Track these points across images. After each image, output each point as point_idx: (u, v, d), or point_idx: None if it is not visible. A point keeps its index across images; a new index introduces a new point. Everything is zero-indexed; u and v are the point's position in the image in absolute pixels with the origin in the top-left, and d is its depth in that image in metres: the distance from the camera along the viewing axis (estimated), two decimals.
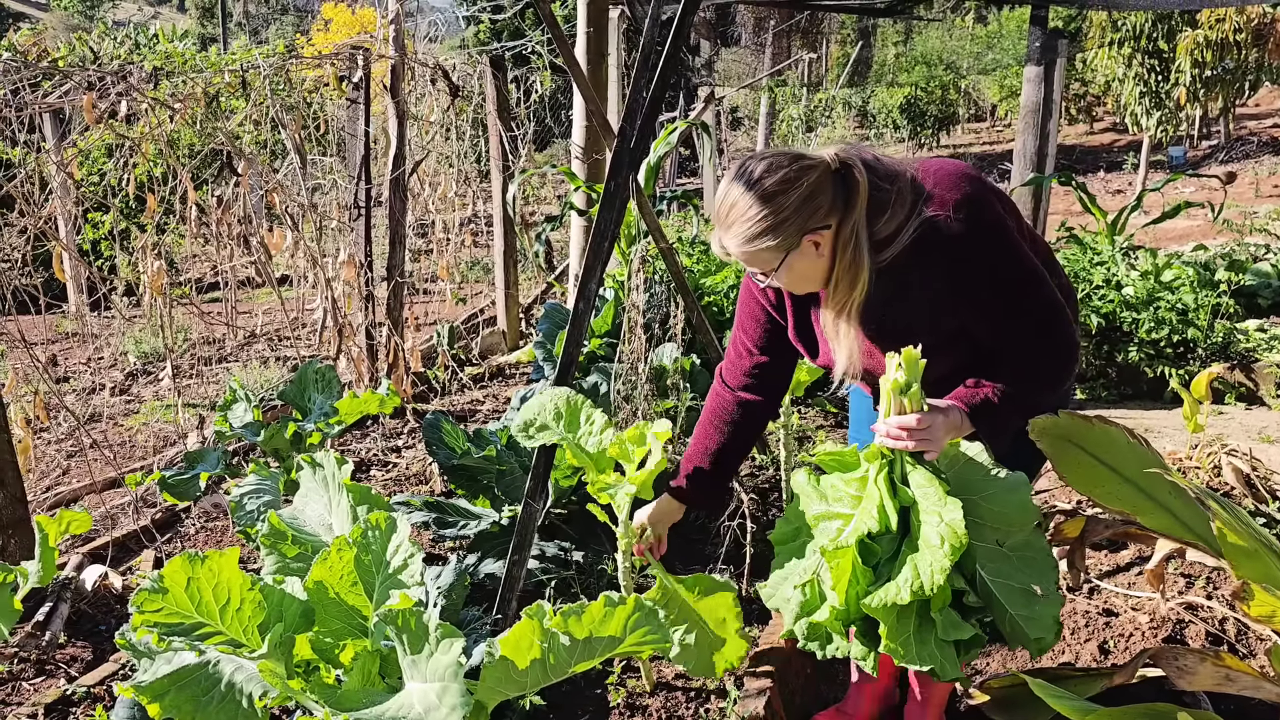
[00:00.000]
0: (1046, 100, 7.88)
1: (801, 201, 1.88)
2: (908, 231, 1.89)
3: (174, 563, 1.60)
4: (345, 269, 5.00)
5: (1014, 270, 1.95)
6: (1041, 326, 1.97)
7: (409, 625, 1.45)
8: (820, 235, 1.92)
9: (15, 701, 3.02)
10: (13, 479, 3.61)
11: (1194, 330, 5.17)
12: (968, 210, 1.91)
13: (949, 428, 1.91)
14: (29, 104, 3.59)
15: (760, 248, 1.92)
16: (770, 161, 1.92)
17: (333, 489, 1.91)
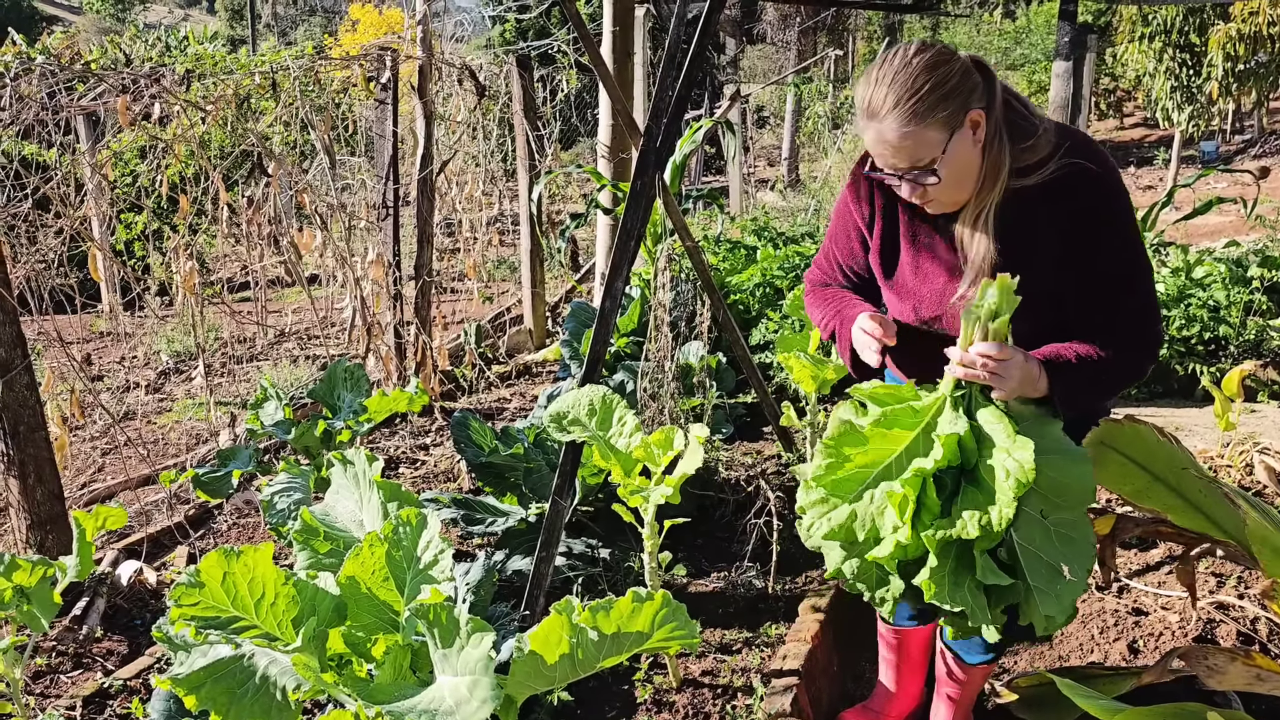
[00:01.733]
0: (1075, 96, 7.81)
1: (962, 75, 1.82)
2: (1050, 166, 1.86)
3: (210, 558, 1.63)
4: (373, 268, 5.04)
5: (1134, 251, 1.92)
6: (1140, 314, 1.94)
7: (440, 619, 1.47)
8: (979, 115, 1.85)
9: (54, 694, 3.08)
10: (50, 476, 3.67)
11: (1225, 327, 5.11)
12: (1114, 177, 1.89)
13: (1026, 374, 1.83)
14: (64, 107, 3.65)
15: (929, 123, 1.80)
16: (914, 43, 1.86)
17: (363, 486, 1.93)
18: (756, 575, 3.43)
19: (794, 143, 18.53)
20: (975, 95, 1.83)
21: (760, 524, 3.54)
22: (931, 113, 1.79)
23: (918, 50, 1.84)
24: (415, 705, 1.49)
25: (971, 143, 1.85)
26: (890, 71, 1.82)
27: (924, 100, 1.78)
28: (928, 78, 1.79)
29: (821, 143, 16.57)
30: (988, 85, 1.88)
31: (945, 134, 1.81)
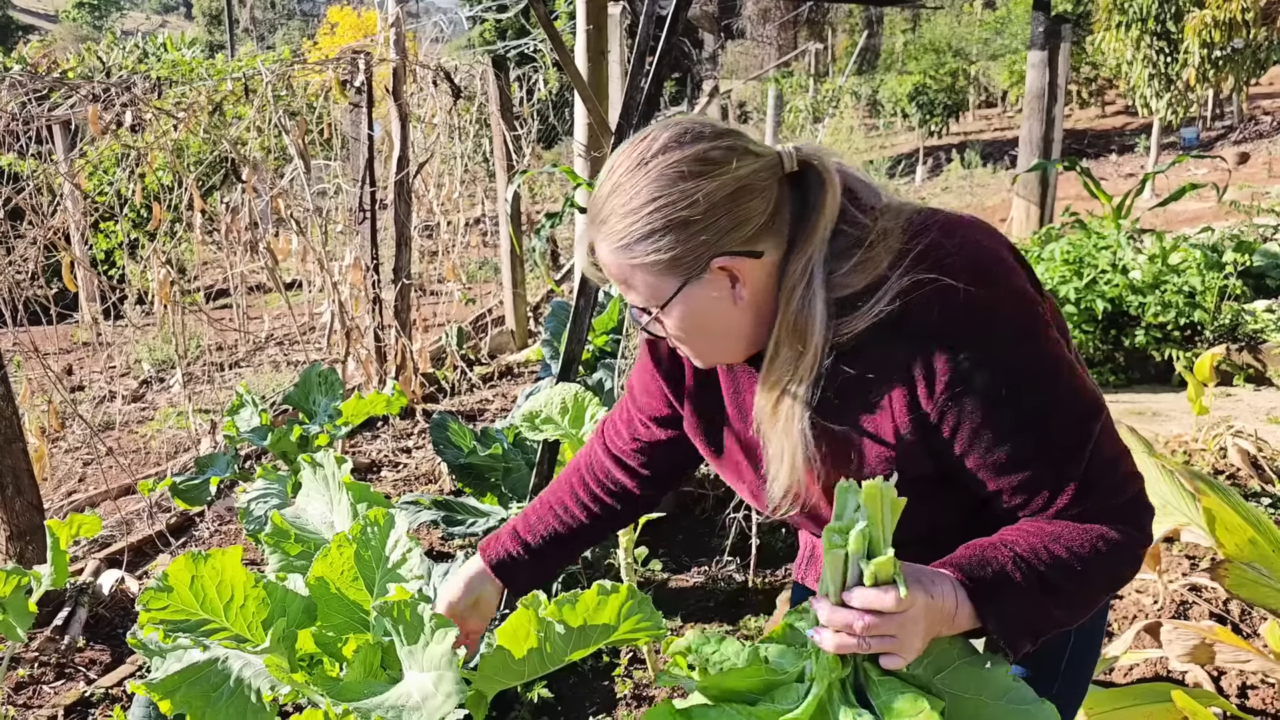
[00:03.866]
0: (1051, 85, 7.88)
1: (723, 201, 1.17)
2: (885, 295, 1.16)
3: (178, 561, 1.64)
4: (351, 272, 5.05)
5: (1056, 387, 1.17)
6: (1093, 484, 1.19)
7: (404, 616, 1.49)
8: (742, 265, 1.20)
9: (36, 704, 3.08)
10: (29, 486, 3.67)
11: (1201, 312, 5.16)
12: (984, 275, 1.16)
13: (934, 618, 1.14)
14: (35, 117, 3.65)
15: (643, 261, 1.20)
16: (687, 127, 1.21)
17: (333, 488, 1.94)
18: (736, 569, 3.46)
19: (776, 138, 18.59)
20: (742, 232, 1.19)
21: (739, 518, 3.56)
22: (646, 245, 1.19)
23: (675, 139, 1.19)
24: (383, 702, 1.51)
25: (726, 301, 1.23)
26: (624, 165, 1.22)
27: (642, 223, 1.19)
28: (657, 197, 1.18)
29: (803, 136, 16.62)
30: (801, 215, 1.22)
31: (673, 281, 1.21)
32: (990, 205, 14.22)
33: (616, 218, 1.20)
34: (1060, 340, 1.22)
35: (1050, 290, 5.28)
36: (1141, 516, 1.22)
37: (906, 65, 28.29)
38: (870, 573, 1.09)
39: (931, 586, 1.14)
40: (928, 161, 20.35)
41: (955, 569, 1.19)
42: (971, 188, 16.31)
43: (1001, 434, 1.17)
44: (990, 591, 1.17)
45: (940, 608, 1.14)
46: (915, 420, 1.20)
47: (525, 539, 1.64)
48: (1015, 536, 1.21)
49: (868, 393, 1.22)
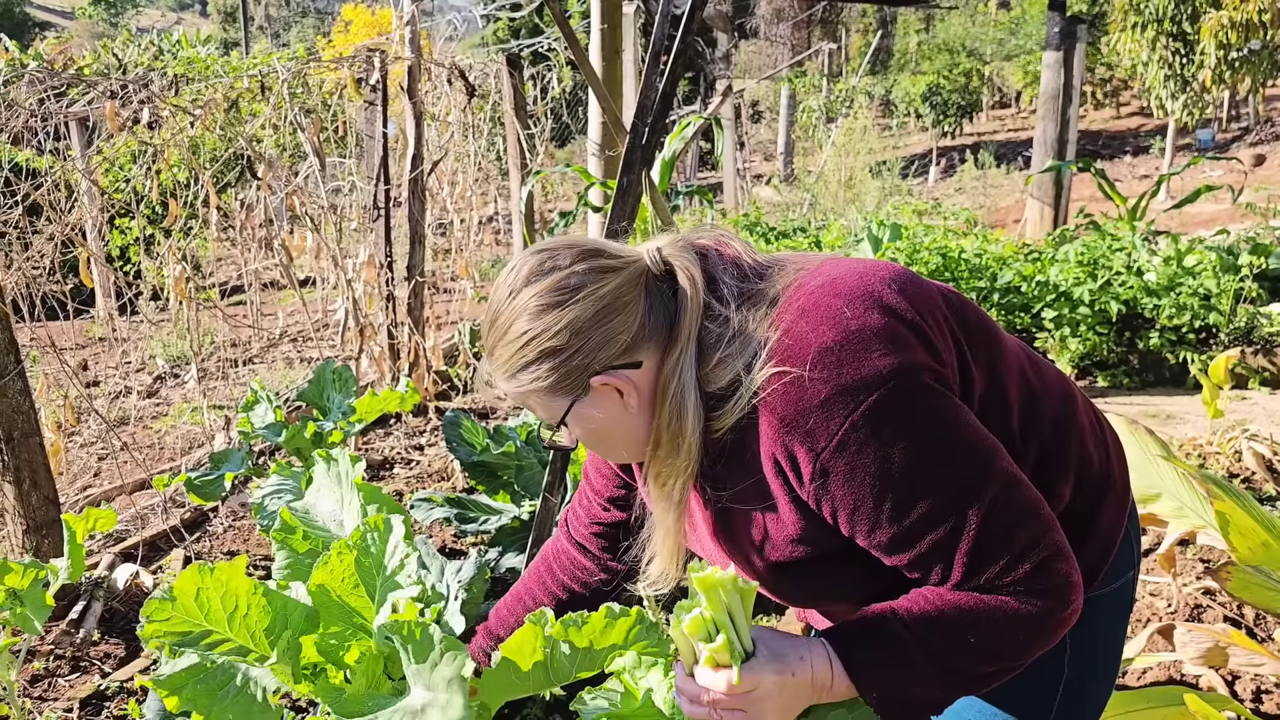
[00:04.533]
0: (1066, 86, 7.85)
1: (589, 323, 1.20)
2: (745, 392, 1.17)
3: (184, 575, 1.65)
4: (365, 269, 5.06)
5: (926, 466, 1.14)
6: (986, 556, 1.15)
7: (414, 635, 1.48)
8: (624, 379, 1.24)
9: (52, 697, 3.10)
10: (45, 481, 3.69)
11: (1216, 315, 5.13)
12: (835, 360, 1.13)
13: (795, 693, 1.19)
14: (54, 113, 3.67)
15: (530, 388, 1.25)
16: (545, 257, 1.24)
17: (345, 486, 1.95)
18: None
19: (789, 137, 18.55)
20: (615, 347, 1.22)
21: None
22: (529, 374, 1.24)
23: (539, 269, 1.24)
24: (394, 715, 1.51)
25: (618, 410, 1.27)
26: (500, 298, 1.27)
27: (520, 354, 1.24)
28: (529, 328, 1.22)
29: (816, 136, 16.59)
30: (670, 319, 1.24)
31: (562, 401, 1.26)
32: (1004, 206, 14.18)
33: (499, 350, 1.26)
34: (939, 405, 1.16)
35: (1064, 292, 5.28)
36: (1050, 586, 1.16)
37: (920, 65, 28.22)
38: (707, 656, 1.17)
39: (794, 664, 1.19)
40: (940, 162, 20.30)
41: (838, 640, 1.22)
42: (985, 189, 16.26)
43: (874, 518, 1.16)
44: (869, 666, 1.20)
45: (802, 683, 1.19)
46: (799, 506, 1.21)
47: (498, 634, 1.69)
48: (909, 605, 1.20)
49: (753, 481, 1.23)
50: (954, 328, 1.25)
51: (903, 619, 1.19)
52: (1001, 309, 5.36)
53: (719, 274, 1.26)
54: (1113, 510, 1.37)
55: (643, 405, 1.26)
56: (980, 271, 5.44)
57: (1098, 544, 1.34)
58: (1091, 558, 1.33)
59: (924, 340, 1.19)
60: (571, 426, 1.30)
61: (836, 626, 1.26)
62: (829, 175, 11.91)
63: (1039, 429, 1.31)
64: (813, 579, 1.30)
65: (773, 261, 1.29)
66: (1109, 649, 1.45)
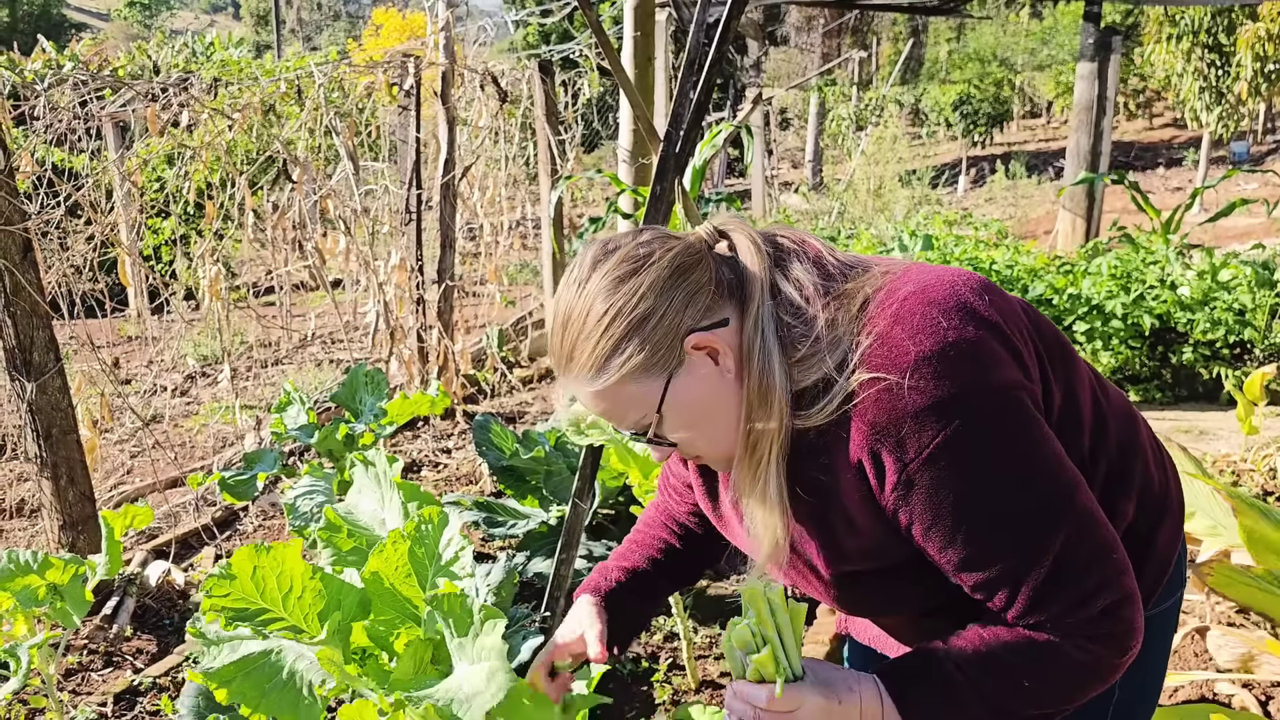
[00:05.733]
0: (1100, 98, 7.80)
1: (668, 283, 1.17)
2: (835, 396, 1.14)
3: (241, 552, 1.68)
4: (396, 272, 5.11)
5: (1010, 492, 1.12)
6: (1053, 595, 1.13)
7: (454, 609, 1.51)
8: (716, 338, 1.18)
9: (85, 691, 3.15)
10: (82, 477, 3.75)
11: (1251, 330, 5.08)
12: (933, 371, 1.10)
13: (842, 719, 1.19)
14: (94, 115, 3.74)
15: (621, 374, 1.18)
16: (604, 243, 1.23)
17: (385, 486, 1.98)
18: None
19: (818, 145, 18.53)
20: (700, 304, 1.18)
21: None
22: (620, 357, 1.17)
23: (602, 253, 1.22)
24: (433, 694, 1.53)
25: (714, 378, 1.20)
26: (569, 298, 1.22)
27: (607, 336, 1.17)
28: (605, 308, 1.17)
29: (845, 145, 16.55)
30: (738, 282, 1.21)
31: (658, 382, 1.19)
32: (1035, 217, 14.08)
33: (580, 347, 1.20)
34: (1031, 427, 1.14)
35: (1097, 305, 5.24)
36: (1115, 631, 1.14)
37: (951, 74, 28.10)
38: (752, 669, 1.18)
39: (843, 693, 1.19)
40: (971, 172, 20.20)
41: (890, 678, 1.21)
42: (1016, 199, 16.16)
43: (950, 535, 1.14)
44: (920, 704, 1.19)
45: (849, 712, 1.18)
46: (876, 515, 1.19)
47: (627, 566, 1.61)
48: (963, 645, 1.19)
49: (833, 490, 1.20)
50: (1036, 342, 1.23)
51: (956, 660, 1.18)
52: None
53: (792, 262, 1.23)
54: (1169, 530, 1.36)
55: (737, 371, 1.20)
56: (1011, 283, 5.41)
57: (1155, 565, 1.34)
58: (1149, 579, 1.32)
59: (1015, 356, 1.16)
60: (673, 414, 1.21)
61: (890, 662, 1.25)
62: (858, 184, 11.88)
63: (1107, 448, 1.29)
64: (880, 590, 1.29)
65: (856, 262, 1.26)
66: (1158, 668, 1.45)
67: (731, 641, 1.20)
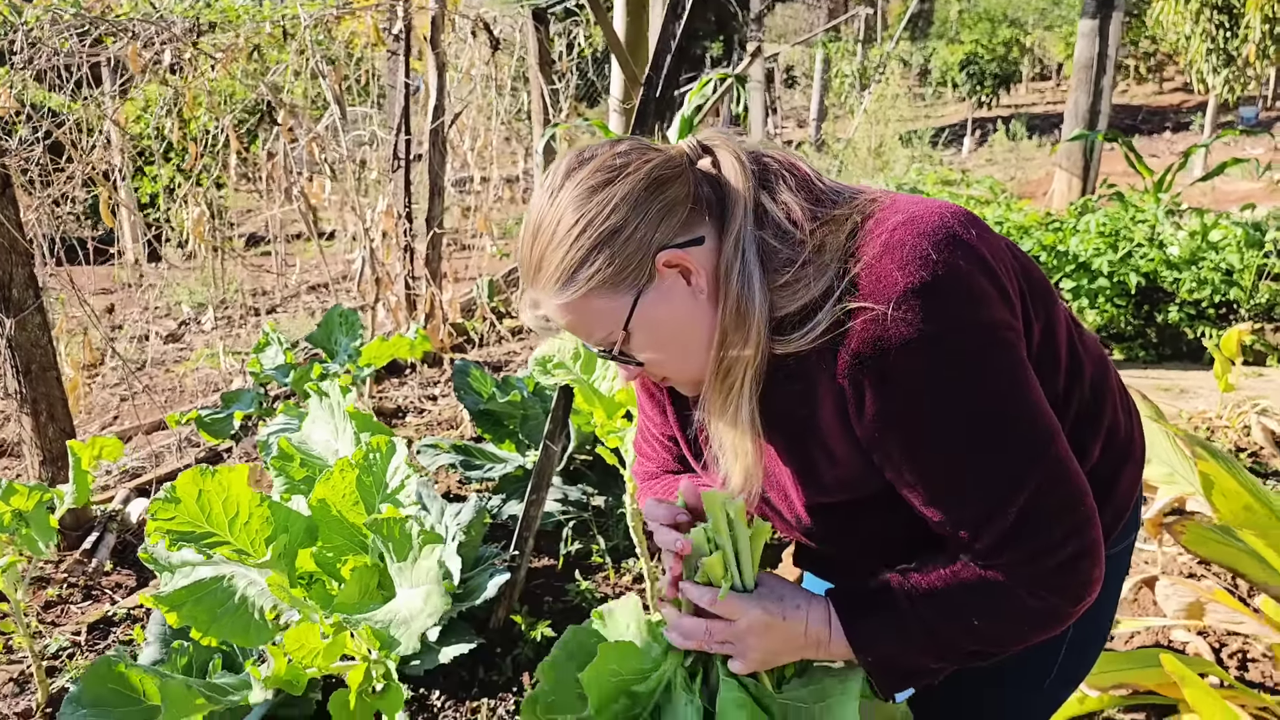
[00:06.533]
0: (1101, 56, 7.71)
1: (643, 196, 1.14)
2: (819, 324, 1.11)
3: (185, 476, 1.70)
4: (383, 218, 5.10)
5: (988, 430, 1.11)
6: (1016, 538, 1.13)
7: (394, 534, 1.53)
8: (689, 257, 1.15)
9: (63, 622, 3.20)
10: (62, 414, 3.78)
11: (1237, 290, 5.07)
12: (921, 304, 1.08)
13: (785, 638, 1.21)
14: (75, 53, 3.72)
15: (590, 287, 1.15)
16: (580, 151, 1.19)
17: (338, 416, 2.00)
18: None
19: (822, 103, 18.37)
20: (674, 220, 1.15)
21: None
22: (587, 270, 1.14)
23: (576, 162, 1.18)
24: (372, 617, 1.56)
25: (686, 298, 1.18)
26: (540, 206, 1.18)
27: (575, 248, 1.14)
28: (580, 214, 1.14)
29: (849, 103, 16.40)
30: (720, 200, 1.18)
31: (626, 298, 1.16)
32: (1036, 178, 14.00)
33: (549, 257, 1.16)
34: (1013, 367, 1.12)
35: (1083, 262, 5.22)
36: (1072, 582, 1.14)
37: (960, 34, 27.73)
38: (701, 572, 1.19)
39: (790, 609, 1.20)
40: (976, 133, 20.02)
41: (841, 601, 1.21)
42: (1019, 161, 16.04)
43: (923, 471, 1.13)
44: (868, 632, 1.19)
45: (794, 631, 1.19)
46: (853, 445, 1.17)
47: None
48: (919, 579, 1.18)
49: (813, 418, 1.18)
50: (1019, 280, 1.21)
51: (910, 593, 1.18)
52: None
53: (779, 184, 1.18)
54: (1131, 476, 1.37)
55: (710, 292, 1.16)
56: None
57: (1114, 508, 1.34)
58: (1107, 521, 1.31)
59: (1002, 293, 1.14)
60: (638, 331, 1.18)
61: (843, 587, 1.25)
62: (858, 142, 11.79)
63: (1080, 390, 1.29)
64: (852, 521, 1.27)
65: (844, 189, 1.23)
66: (1110, 606, 1.47)
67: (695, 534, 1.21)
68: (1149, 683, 2.22)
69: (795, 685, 1.24)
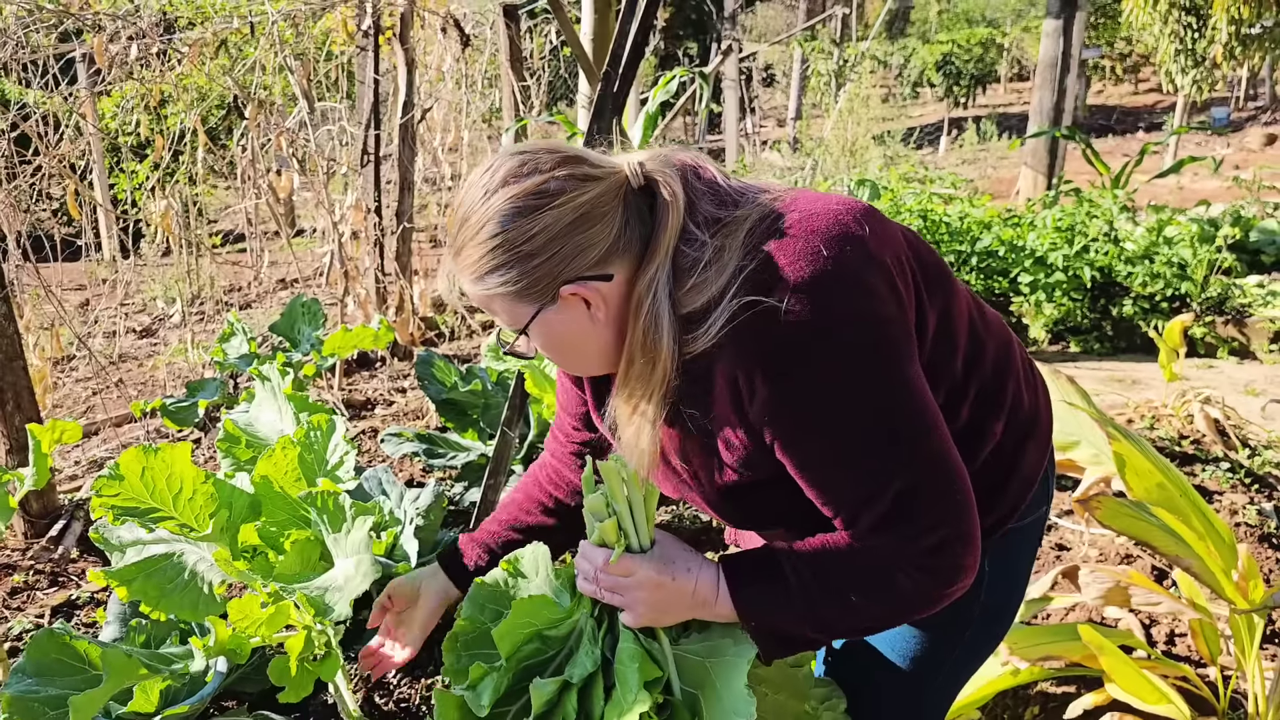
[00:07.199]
0: (1065, 55, 7.84)
1: (564, 231, 1.20)
2: (719, 318, 1.17)
3: (129, 453, 1.75)
4: (352, 212, 5.16)
5: (869, 420, 1.18)
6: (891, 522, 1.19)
7: (329, 506, 1.60)
8: (593, 290, 1.23)
9: (28, 607, 3.25)
10: (29, 404, 3.81)
11: (1189, 284, 5.19)
12: (808, 298, 1.14)
13: (671, 597, 1.29)
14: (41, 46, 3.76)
15: (496, 291, 1.23)
16: (525, 159, 1.23)
17: (281, 399, 2.06)
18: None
19: (800, 102, 18.49)
20: (587, 257, 1.21)
21: None
22: (495, 278, 1.23)
23: (515, 171, 1.22)
24: (308, 585, 1.63)
25: (584, 322, 1.26)
26: (472, 198, 1.24)
27: (489, 257, 1.22)
28: (499, 232, 1.20)
29: (825, 103, 16.51)
30: (648, 234, 1.24)
31: (527, 308, 1.25)
32: (1007, 177, 14.14)
33: (468, 251, 1.23)
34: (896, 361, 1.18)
35: (1040, 257, 5.33)
36: (944, 566, 1.20)
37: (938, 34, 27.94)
38: (597, 535, 1.29)
39: (679, 571, 1.28)
40: (952, 132, 20.19)
41: (730, 567, 1.29)
42: (994, 160, 16.20)
43: (805, 456, 1.21)
44: (751, 598, 1.27)
45: (681, 591, 1.27)
46: (748, 431, 1.24)
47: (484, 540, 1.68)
48: (804, 550, 1.25)
49: (712, 405, 1.25)
50: (914, 270, 1.28)
51: (794, 564, 1.25)
52: (980, 273, 5.42)
53: (696, 196, 1.25)
54: (1036, 450, 1.45)
55: (610, 319, 1.25)
56: (961, 235, 5.49)
57: (1020, 481, 1.43)
58: (1014, 494, 1.42)
59: (890, 284, 1.20)
60: (534, 335, 1.27)
61: (733, 554, 1.32)
62: (832, 142, 11.90)
63: (981, 370, 1.36)
64: (754, 503, 1.35)
65: (747, 189, 1.29)
66: (1021, 575, 1.55)
67: (586, 507, 1.31)
68: (1074, 655, 2.31)
69: (694, 640, 1.33)
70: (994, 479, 1.37)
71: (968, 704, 2.40)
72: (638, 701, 1.22)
